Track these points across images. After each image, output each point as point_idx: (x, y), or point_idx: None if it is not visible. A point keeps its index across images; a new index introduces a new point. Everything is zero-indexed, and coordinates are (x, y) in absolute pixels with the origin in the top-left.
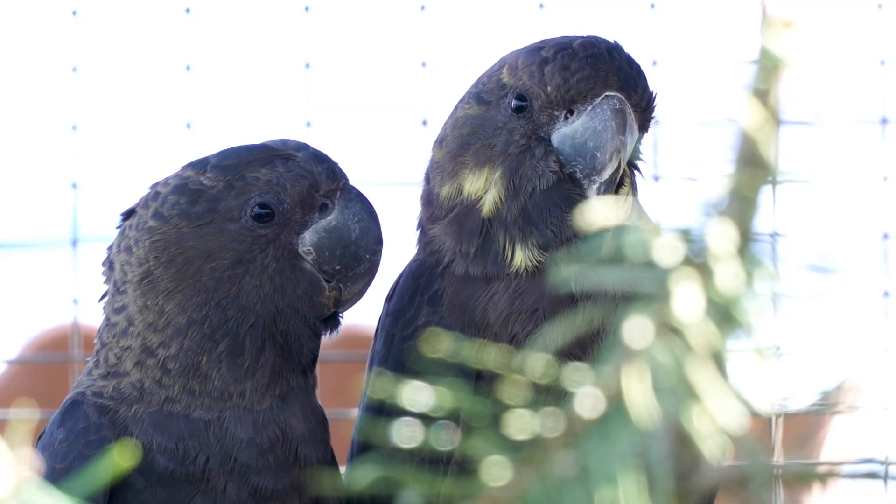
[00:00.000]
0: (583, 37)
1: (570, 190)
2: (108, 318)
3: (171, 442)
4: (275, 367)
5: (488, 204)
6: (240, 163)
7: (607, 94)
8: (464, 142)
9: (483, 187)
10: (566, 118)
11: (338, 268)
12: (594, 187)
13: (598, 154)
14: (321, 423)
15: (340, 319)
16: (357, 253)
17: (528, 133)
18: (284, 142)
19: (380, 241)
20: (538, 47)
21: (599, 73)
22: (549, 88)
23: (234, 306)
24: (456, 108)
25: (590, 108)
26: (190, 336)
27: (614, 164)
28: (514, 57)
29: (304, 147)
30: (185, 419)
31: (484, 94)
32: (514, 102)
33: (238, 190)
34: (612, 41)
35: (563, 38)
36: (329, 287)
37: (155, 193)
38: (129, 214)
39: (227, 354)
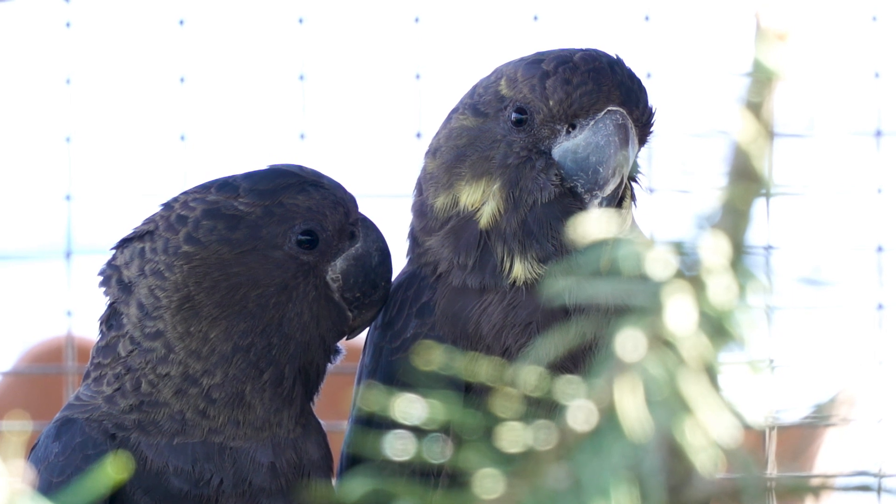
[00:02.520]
0: (583, 50)
1: (570, 203)
2: (135, 342)
3: (188, 464)
4: (303, 396)
5: (486, 216)
6: (275, 188)
7: (609, 108)
8: (459, 153)
9: (480, 199)
10: (568, 132)
11: (357, 295)
12: (595, 202)
13: (601, 169)
14: (328, 449)
15: (341, 346)
16: (375, 280)
17: (528, 146)
18: (301, 167)
19: (392, 269)
20: (538, 59)
21: (602, 88)
22: (550, 102)
23: (278, 334)
24: (449, 118)
25: (592, 122)
26: (235, 364)
27: (617, 180)
28: (512, 69)
29: (319, 173)
30: (201, 443)
31: (481, 106)
32: (514, 115)
33: (279, 216)
34: (614, 55)
35: (563, 50)
36: (352, 316)
37: (179, 216)
38: (132, 238)
39: (271, 383)
